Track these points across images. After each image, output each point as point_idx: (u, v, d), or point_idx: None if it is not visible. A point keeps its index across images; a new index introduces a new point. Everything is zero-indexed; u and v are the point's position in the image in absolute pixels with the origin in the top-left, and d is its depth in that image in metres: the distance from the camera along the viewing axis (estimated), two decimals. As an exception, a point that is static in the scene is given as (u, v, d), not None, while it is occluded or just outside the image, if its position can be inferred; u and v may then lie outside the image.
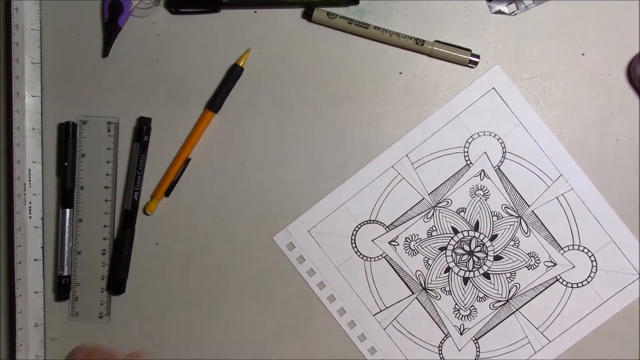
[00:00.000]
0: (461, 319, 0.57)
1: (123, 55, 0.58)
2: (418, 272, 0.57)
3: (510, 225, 0.56)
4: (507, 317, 0.57)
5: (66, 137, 0.58)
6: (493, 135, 0.56)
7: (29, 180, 0.58)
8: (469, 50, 0.55)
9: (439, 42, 0.55)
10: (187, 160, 0.57)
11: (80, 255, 0.59)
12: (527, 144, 0.56)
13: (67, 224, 0.58)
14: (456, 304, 0.57)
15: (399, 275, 0.57)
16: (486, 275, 0.57)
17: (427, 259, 0.57)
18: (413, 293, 0.57)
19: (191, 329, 0.58)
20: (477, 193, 0.56)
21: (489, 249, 0.57)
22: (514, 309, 0.57)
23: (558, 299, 0.56)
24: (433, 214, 0.57)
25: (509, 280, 0.57)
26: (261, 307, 0.58)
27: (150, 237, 0.58)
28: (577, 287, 0.56)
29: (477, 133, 0.56)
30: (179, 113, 0.58)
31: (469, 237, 0.57)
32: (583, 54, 0.56)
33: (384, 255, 0.57)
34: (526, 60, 0.56)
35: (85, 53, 0.58)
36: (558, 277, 0.56)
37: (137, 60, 0.58)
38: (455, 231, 0.57)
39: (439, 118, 0.56)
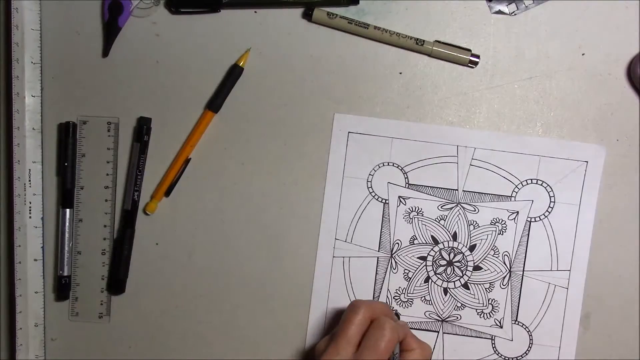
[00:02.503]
0: (399, 304, 0.57)
1: (123, 55, 0.58)
2: (396, 240, 0.57)
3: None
4: (431, 331, 0.57)
5: (66, 137, 0.58)
6: (551, 195, 0.55)
7: (29, 180, 0.58)
8: (469, 50, 0.55)
9: (439, 42, 0.55)
10: (187, 160, 0.57)
11: (80, 255, 0.59)
12: (567, 225, 0.56)
13: (67, 224, 0.58)
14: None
15: (381, 228, 0.57)
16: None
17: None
18: (379, 250, 0.57)
19: (191, 328, 0.58)
20: (496, 224, 0.56)
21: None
22: (442, 331, 0.57)
23: (478, 355, 0.57)
24: (449, 209, 0.56)
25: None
26: (261, 307, 0.58)
27: (150, 237, 0.58)
28: (500, 357, 0.56)
29: (542, 182, 0.56)
30: (179, 113, 0.58)
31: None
32: (583, 54, 0.56)
33: (385, 201, 0.57)
34: (526, 60, 0.56)
35: (85, 53, 0.58)
36: (492, 339, 0.56)
37: (137, 60, 0.58)
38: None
39: (525, 145, 0.55)
